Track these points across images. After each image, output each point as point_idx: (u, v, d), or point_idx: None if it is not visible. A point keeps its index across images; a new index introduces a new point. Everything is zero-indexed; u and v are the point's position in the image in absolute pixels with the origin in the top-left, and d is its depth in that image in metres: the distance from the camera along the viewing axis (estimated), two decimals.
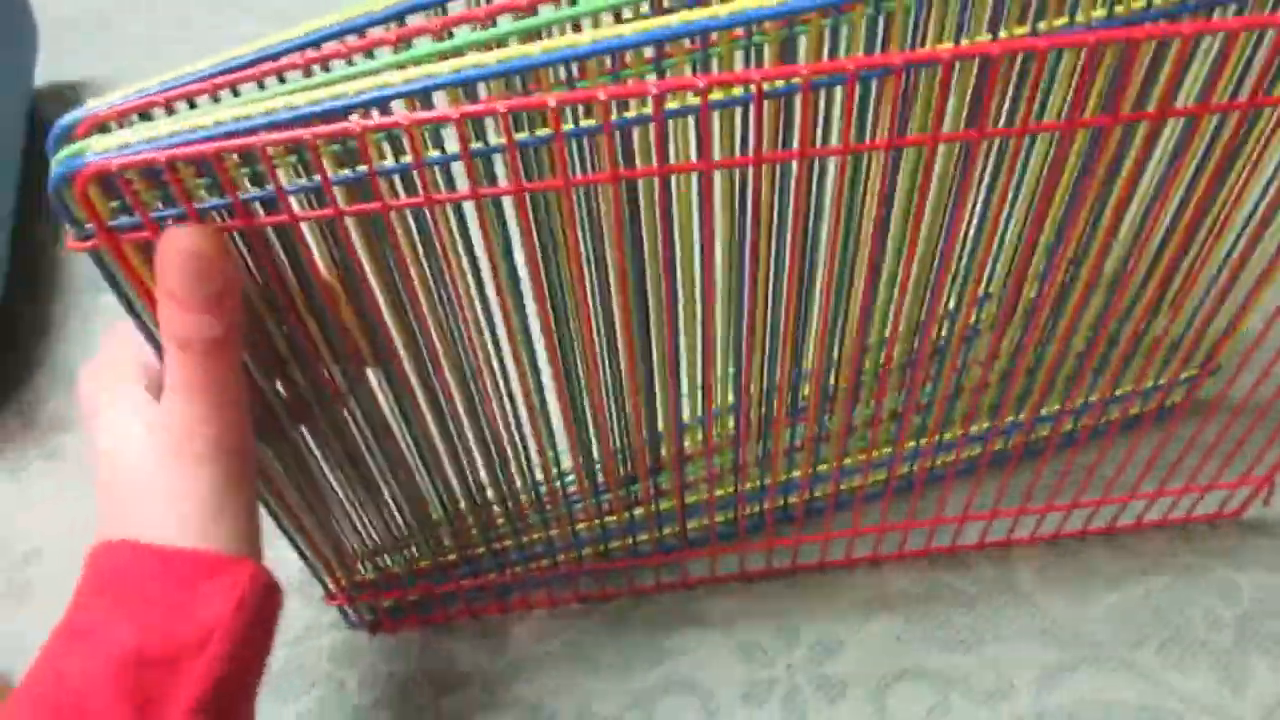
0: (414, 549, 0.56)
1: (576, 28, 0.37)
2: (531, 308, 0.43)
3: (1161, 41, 0.42)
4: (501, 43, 0.35)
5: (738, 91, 0.38)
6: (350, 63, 0.36)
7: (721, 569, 0.59)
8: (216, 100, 0.36)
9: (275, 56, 0.36)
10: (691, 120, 0.40)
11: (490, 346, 0.45)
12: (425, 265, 0.41)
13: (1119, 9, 0.40)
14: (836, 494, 0.58)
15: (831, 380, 0.56)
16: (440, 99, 0.36)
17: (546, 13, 0.36)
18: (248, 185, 0.36)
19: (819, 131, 0.42)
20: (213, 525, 0.38)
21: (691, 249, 0.45)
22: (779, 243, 0.45)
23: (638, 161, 0.41)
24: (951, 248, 0.44)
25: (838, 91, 0.40)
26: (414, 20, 0.36)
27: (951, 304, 0.58)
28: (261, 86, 0.36)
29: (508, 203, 0.39)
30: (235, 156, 0.35)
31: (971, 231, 0.49)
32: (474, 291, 0.43)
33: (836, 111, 0.41)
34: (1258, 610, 0.58)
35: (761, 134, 0.35)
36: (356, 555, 0.54)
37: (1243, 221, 0.50)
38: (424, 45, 0.36)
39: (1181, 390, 0.64)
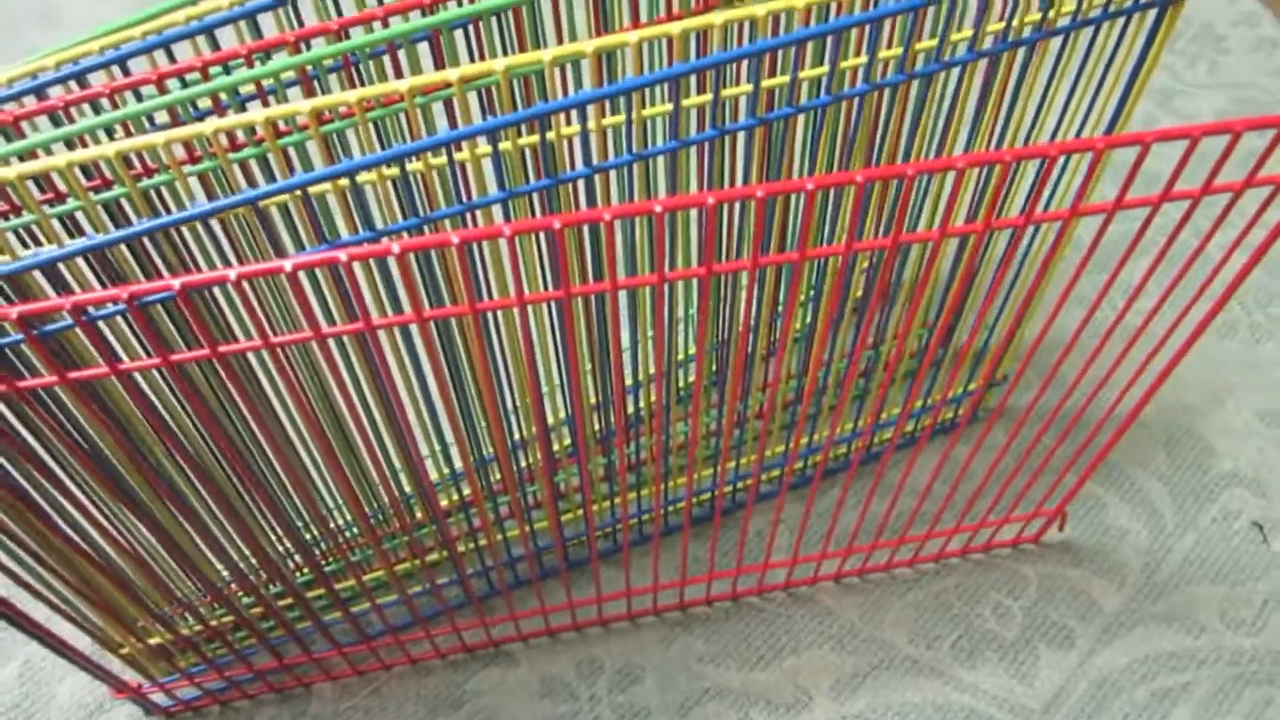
0: (187, 624, 0.55)
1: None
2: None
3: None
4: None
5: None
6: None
7: (526, 626, 0.59)
8: None
9: None
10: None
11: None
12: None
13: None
14: (629, 531, 0.58)
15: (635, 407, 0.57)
16: None
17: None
18: None
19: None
20: None
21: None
22: None
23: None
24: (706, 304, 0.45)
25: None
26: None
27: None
28: None
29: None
30: None
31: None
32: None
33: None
34: (1044, 599, 0.60)
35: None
36: (136, 649, 0.53)
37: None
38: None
39: (968, 402, 0.66)
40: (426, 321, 0.36)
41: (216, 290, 0.44)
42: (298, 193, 0.37)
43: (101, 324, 0.36)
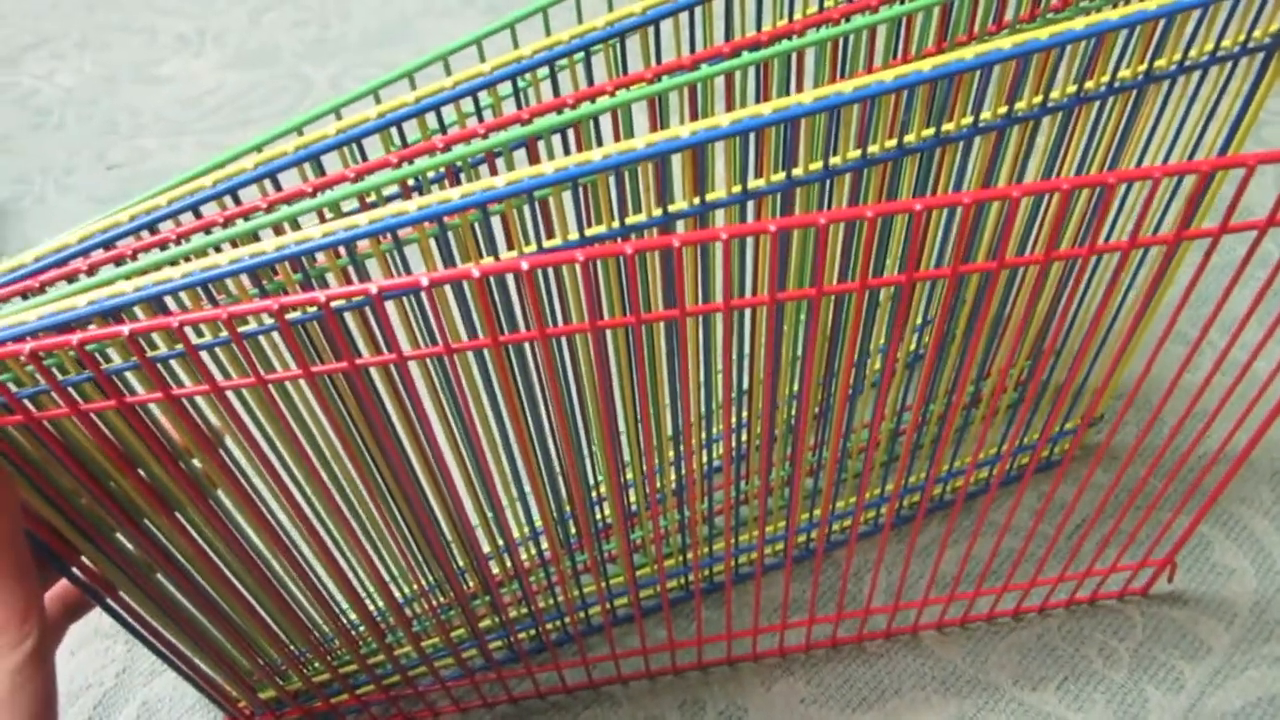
0: (310, 666, 0.56)
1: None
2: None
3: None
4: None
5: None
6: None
7: (626, 667, 0.60)
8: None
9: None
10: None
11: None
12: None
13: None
14: (733, 570, 0.59)
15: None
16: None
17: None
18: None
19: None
20: None
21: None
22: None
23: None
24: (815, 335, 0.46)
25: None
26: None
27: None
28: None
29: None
30: None
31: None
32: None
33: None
34: (1150, 640, 0.59)
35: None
36: (251, 678, 0.54)
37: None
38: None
39: (1067, 441, 0.65)
40: (500, 345, 0.36)
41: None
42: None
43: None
